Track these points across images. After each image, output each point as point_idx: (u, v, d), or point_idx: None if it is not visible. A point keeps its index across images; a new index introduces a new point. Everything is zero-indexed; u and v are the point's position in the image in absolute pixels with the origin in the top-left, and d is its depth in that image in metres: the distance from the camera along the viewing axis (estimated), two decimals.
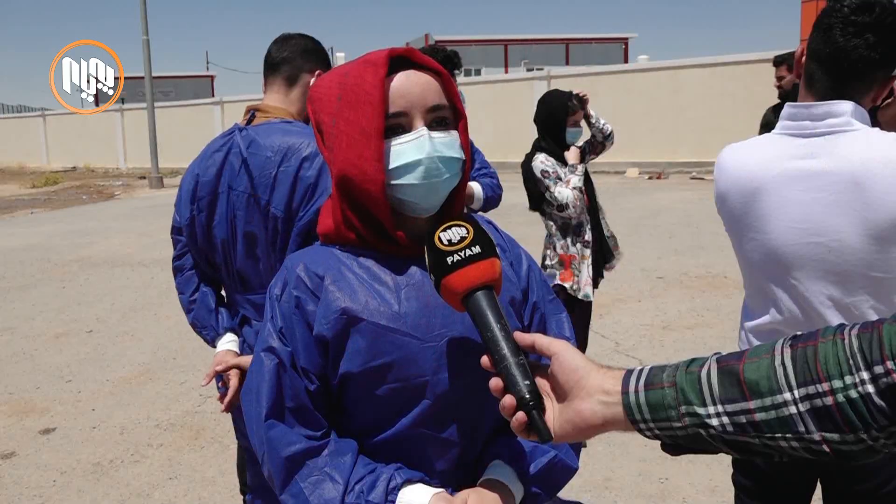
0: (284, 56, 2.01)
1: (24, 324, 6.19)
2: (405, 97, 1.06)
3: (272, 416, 1.06)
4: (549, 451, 1.14)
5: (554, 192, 3.40)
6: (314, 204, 1.79)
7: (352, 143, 1.06)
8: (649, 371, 0.83)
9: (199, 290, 2.03)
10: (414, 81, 1.07)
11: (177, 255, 2.07)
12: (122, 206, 15.21)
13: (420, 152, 1.05)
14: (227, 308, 2.05)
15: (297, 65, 2.00)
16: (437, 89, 1.09)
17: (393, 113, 1.05)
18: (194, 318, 2.03)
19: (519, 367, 0.89)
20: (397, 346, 1.06)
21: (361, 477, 1.04)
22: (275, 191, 1.82)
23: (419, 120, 1.06)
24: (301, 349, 1.08)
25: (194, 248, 2.01)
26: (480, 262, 0.97)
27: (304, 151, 1.82)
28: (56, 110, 30.36)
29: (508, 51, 38.01)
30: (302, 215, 1.80)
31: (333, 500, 1.02)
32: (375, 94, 1.04)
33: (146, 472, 3.47)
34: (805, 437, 0.73)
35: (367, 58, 1.08)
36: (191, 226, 1.97)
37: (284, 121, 1.94)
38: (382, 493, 1.02)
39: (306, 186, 1.80)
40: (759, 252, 1.59)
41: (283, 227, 1.82)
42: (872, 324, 0.73)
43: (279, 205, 1.81)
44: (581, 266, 3.50)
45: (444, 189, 1.09)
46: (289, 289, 1.10)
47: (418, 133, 1.06)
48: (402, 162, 1.05)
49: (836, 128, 1.48)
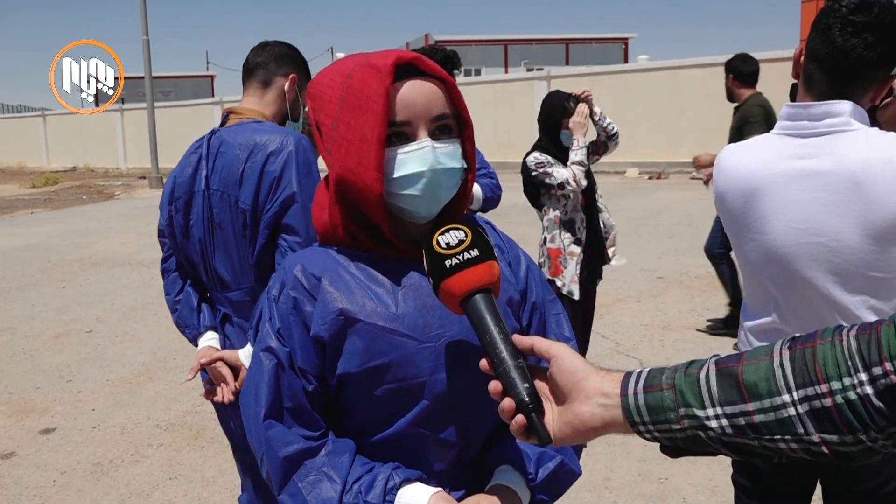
0: (259, 61, 2.10)
1: (24, 324, 6.19)
2: (410, 107, 1.04)
3: (270, 416, 1.06)
4: (555, 456, 1.14)
5: (552, 171, 3.42)
6: (279, 197, 1.86)
7: (351, 149, 1.05)
8: (648, 373, 0.83)
9: (184, 290, 2.09)
10: (419, 91, 1.05)
11: (164, 258, 2.14)
12: (122, 206, 15.20)
13: (423, 164, 1.04)
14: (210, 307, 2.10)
15: (271, 69, 2.09)
16: (442, 98, 1.08)
17: (398, 122, 1.04)
18: (178, 317, 2.09)
19: (518, 370, 0.89)
20: (395, 346, 1.06)
21: (359, 476, 1.04)
22: (242, 186, 1.89)
23: (423, 130, 1.05)
24: (299, 350, 1.08)
25: (175, 248, 2.07)
26: (478, 266, 0.97)
27: (270, 147, 1.89)
28: (56, 110, 30.34)
29: (508, 51, 38.00)
30: (268, 208, 1.87)
31: (331, 499, 1.02)
32: (379, 102, 1.02)
33: (146, 472, 3.47)
34: (804, 438, 0.73)
35: (373, 61, 1.06)
36: (170, 226, 2.04)
37: (255, 121, 2.02)
38: (381, 493, 1.02)
39: (271, 181, 1.87)
40: (758, 252, 1.59)
41: (252, 220, 1.89)
42: (871, 325, 0.73)
43: (247, 199, 1.88)
44: (569, 262, 3.48)
45: (445, 198, 1.09)
46: (286, 290, 1.10)
47: (422, 144, 1.05)
48: (404, 172, 1.04)
49: (835, 128, 1.47)
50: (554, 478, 1.13)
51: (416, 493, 1.03)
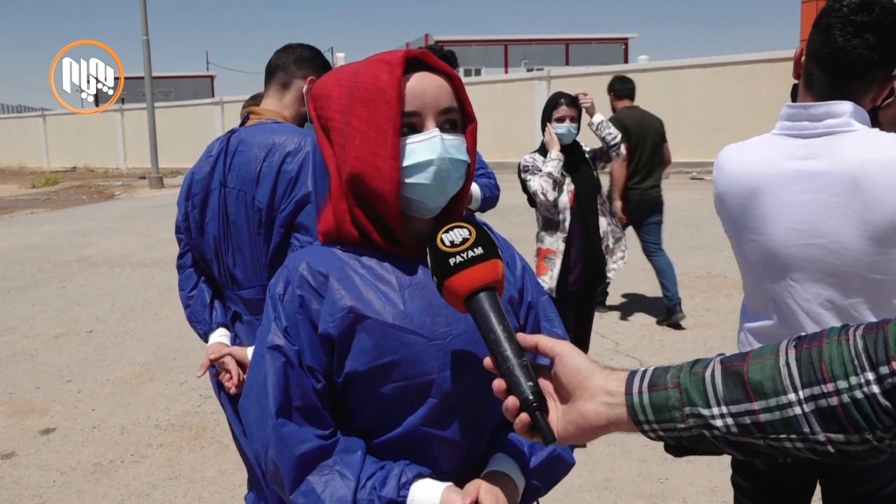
0: (279, 63, 2.14)
1: (24, 324, 6.19)
2: (419, 98, 1.07)
3: (282, 415, 1.06)
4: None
5: (528, 180, 3.49)
6: (295, 196, 1.88)
7: (366, 140, 1.06)
8: (653, 372, 0.83)
9: (198, 286, 2.12)
10: (428, 83, 1.08)
11: (180, 254, 2.18)
12: (122, 206, 15.20)
13: (433, 152, 1.06)
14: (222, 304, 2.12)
15: (290, 72, 2.12)
16: (449, 92, 1.10)
17: (407, 112, 1.06)
18: (191, 312, 2.12)
19: (522, 368, 0.89)
20: (403, 344, 1.06)
21: (372, 473, 1.04)
22: (259, 184, 1.92)
23: (431, 121, 1.08)
24: (307, 348, 1.08)
25: (190, 243, 2.11)
26: (483, 264, 0.97)
27: (287, 147, 1.92)
28: (56, 110, 30.33)
29: (508, 51, 38.00)
30: (284, 207, 1.89)
31: (345, 496, 1.02)
32: (392, 92, 1.04)
33: (146, 472, 3.47)
34: (810, 437, 0.73)
35: (381, 57, 1.09)
36: (186, 221, 2.08)
37: (273, 121, 2.05)
38: (394, 488, 1.03)
39: (288, 180, 1.89)
40: (757, 253, 1.58)
41: (267, 218, 1.91)
42: (877, 324, 0.73)
43: (263, 197, 1.91)
44: (556, 261, 3.50)
45: (452, 190, 1.11)
46: (291, 287, 1.10)
47: (431, 134, 1.07)
48: (414, 161, 1.06)
49: (836, 128, 1.47)
50: (547, 465, 1.15)
51: (428, 487, 1.04)
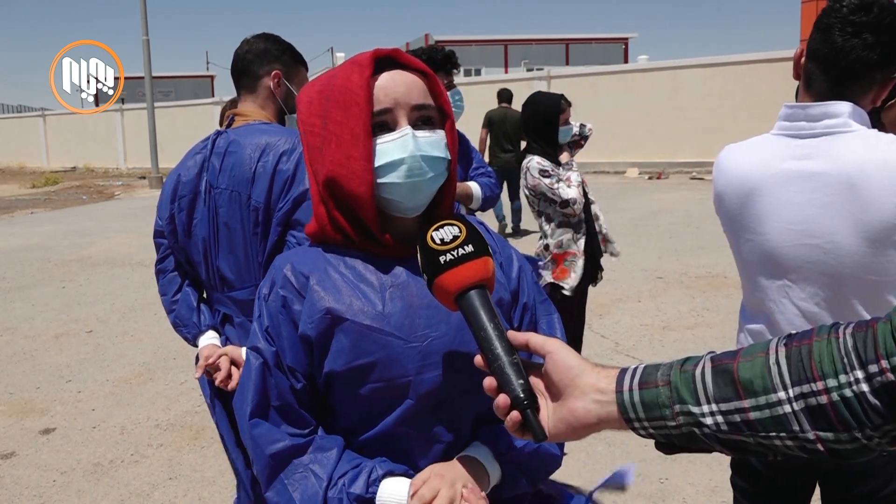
0: (241, 68, 2.13)
1: (24, 324, 6.20)
2: (389, 95, 1.07)
3: (257, 414, 1.08)
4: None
5: (558, 189, 3.41)
6: (292, 194, 1.89)
7: (342, 143, 1.07)
8: (643, 370, 0.83)
9: (182, 289, 2.10)
10: (398, 80, 1.09)
11: (159, 258, 2.15)
12: (122, 206, 15.20)
13: (403, 151, 1.06)
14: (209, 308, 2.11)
15: (252, 72, 2.12)
16: (423, 88, 1.11)
17: (378, 110, 1.07)
18: (176, 317, 2.10)
19: (513, 366, 0.89)
20: (380, 345, 1.07)
21: (345, 472, 1.06)
22: (255, 185, 1.92)
23: (403, 118, 1.08)
24: (287, 348, 1.09)
25: (175, 246, 2.09)
26: (473, 261, 0.97)
27: (281, 147, 1.93)
28: (56, 110, 30.31)
29: (508, 51, 37.97)
30: (281, 206, 1.90)
31: (316, 494, 1.04)
32: (361, 94, 1.05)
33: (146, 472, 3.47)
34: (799, 435, 0.73)
35: (354, 59, 1.10)
36: (171, 223, 2.05)
37: (263, 122, 2.06)
38: (364, 485, 1.04)
39: (284, 179, 1.90)
40: (755, 253, 1.58)
41: (264, 217, 1.91)
42: (867, 322, 0.73)
43: (259, 197, 1.91)
44: (577, 262, 3.50)
45: (429, 188, 1.10)
46: (276, 288, 1.11)
47: (402, 132, 1.07)
48: (385, 160, 1.07)
49: (833, 129, 1.47)
50: (531, 458, 1.12)
51: (398, 484, 1.05)
